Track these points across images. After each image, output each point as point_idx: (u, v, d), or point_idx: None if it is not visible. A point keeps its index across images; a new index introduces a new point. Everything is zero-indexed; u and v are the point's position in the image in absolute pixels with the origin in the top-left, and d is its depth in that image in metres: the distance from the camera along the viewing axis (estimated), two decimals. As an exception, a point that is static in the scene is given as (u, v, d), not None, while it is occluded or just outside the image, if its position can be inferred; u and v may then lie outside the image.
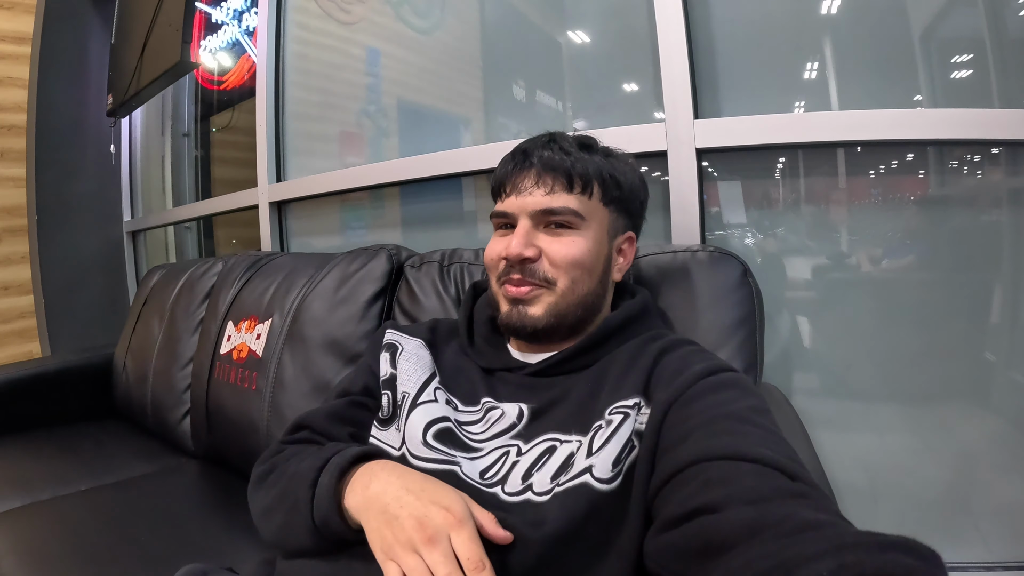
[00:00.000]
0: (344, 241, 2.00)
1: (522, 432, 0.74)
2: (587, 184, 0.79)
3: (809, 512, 0.46)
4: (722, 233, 1.25)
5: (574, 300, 0.79)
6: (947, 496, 1.13)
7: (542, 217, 0.79)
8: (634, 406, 0.68)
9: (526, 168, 0.81)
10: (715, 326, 0.93)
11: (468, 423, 0.78)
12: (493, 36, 1.73)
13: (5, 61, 2.96)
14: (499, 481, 0.70)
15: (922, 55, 1.10)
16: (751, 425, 0.58)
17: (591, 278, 0.80)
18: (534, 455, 0.71)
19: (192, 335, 1.72)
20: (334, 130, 2.07)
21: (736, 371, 0.70)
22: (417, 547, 0.57)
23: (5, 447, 1.65)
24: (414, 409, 0.77)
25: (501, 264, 0.80)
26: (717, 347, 0.91)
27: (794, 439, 0.81)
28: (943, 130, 1.03)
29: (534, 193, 0.79)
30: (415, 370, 0.82)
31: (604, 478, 0.63)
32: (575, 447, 0.69)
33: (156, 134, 3.21)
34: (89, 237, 3.08)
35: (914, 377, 1.15)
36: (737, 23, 1.24)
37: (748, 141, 1.15)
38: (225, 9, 2.41)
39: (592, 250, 0.80)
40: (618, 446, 0.64)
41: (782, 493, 0.49)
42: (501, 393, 0.80)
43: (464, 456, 0.73)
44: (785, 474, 0.52)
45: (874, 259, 1.15)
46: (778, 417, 0.89)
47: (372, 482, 0.65)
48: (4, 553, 1.10)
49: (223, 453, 1.48)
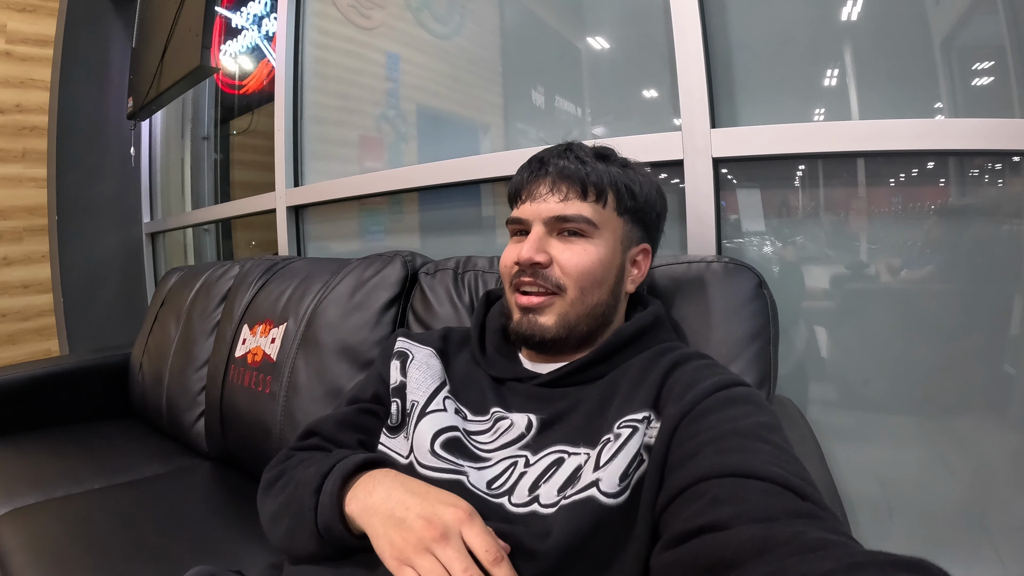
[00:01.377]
0: (362, 246, 2.00)
1: (530, 443, 0.74)
2: (601, 193, 0.80)
3: (818, 532, 0.45)
4: (740, 241, 1.24)
5: (584, 310, 0.79)
6: (963, 512, 1.11)
7: (555, 224, 0.79)
8: (643, 420, 0.67)
9: (542, 176, 0.82)
10: (728, 338, 0.92)
11: (477, 433, 0.78)
12: (513, 41, 1.73)
13: (28, 63, 3.00)
14: (506, 492, 0.70)
15: (942, 63, 1.09)
16: (762, 442, 0.58)
17: (601, 288, 0.80)
18: (542, 467, 0.70)
19: (208, 337, 1.73)
20: (353, 134, 2.08)
21: (748, 386, 0.69)
22: (429, 546, 0.57)
23: (21, 444, 1.68)
24: (423, 418, 0.77)
25: (514, 269, 0.81)
26: (730, 359, 0.90)
27: (807, 455, 0.81)
28: (963, 140, 1.01)
29: (548, 200, 0.80)
30: (425, 379, 0.82)
31: (611, 492, 0.62)
32: (583, 460, 0.68)
33: (176, 137, 3.24)
34: (109, 238, 3.11)
35: (932, 390, 1.13)
36: (755, 31, 1.23)
37: (765, 151, 1.14)
38: (245, 14, 2.44)
39: (604, 259, 0.79)
40: (626, 460, 0.64)
41: (791, 513, 0.49)
42: (511, 403, 0.80)
43: (472, 466, 0.73)
44: (795, 493, 0.51)
45: (893, 269, 1.14)
46: (791, 432, 0.88)
47: (375, 489, 0.65)
48: (16, 549, 1.12)
49: (236, 455, 1.49)
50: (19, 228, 3.00)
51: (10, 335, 2.97)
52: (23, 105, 3.00)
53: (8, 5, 2.94)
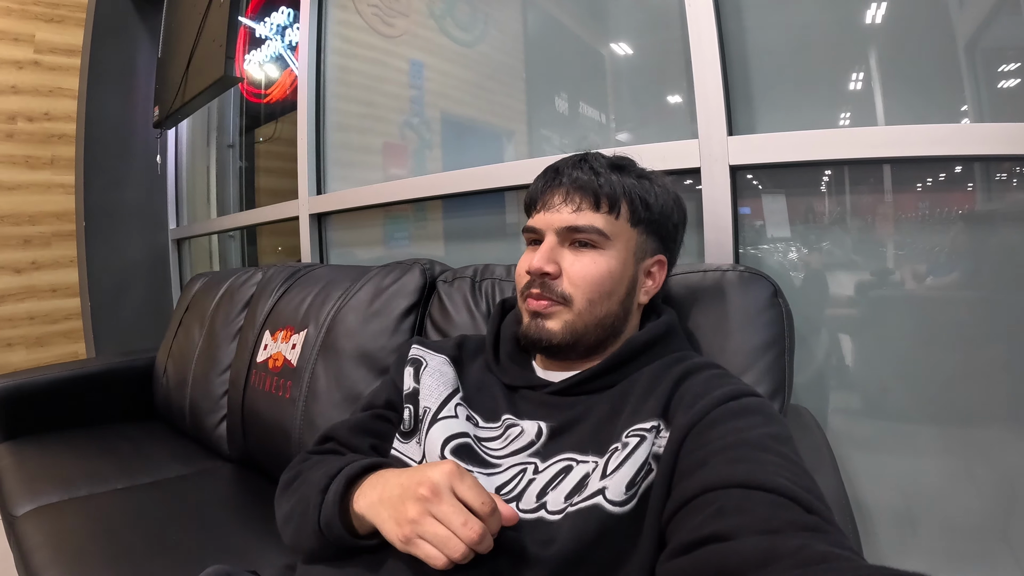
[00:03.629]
0: (386, 252, 2.02)
1: (540, 450, 0.75)
2: (614, 204, 0.80)
3: (823, 545, 0.45)
4: (764, 247, 1.23)
5: (591, 321, 0.79)
6: (985, 524, 1.10)
7: (567, 234, 0.80)
8: (651, 429, 0.68)
9: (555, 186, 0.82)
10: (743, 348, 0.92)
11: (488, 439, 0.79)
12: (535, 48, 1.74)
13: (56, 72, 3.08)
14: (515, 498, 0.71)
15: (967, 65, 1.07)
16: (771, 453, 0.58)
17: (610, 300, 0.80)
18: (550, 474, 0.71)
19: (231, 342, 1.76)
20: (377, 141, 2.10)
21: (759, 396, 0.69)
22: (426, 508, 0.59)
23: (47, 444, 1.72)
24: (434, 424, 0.78)
25: (526, 278, 0.81)
26: (744, 369, 0.90)
27: (820, 465, 0.81)
28: (988, 146, 0.98)
29: (561, 210, 0.80)
30: (437, 386, 0.83)
31: (617, 500, 0.63)
32: (591, 468, 0.69)
33: (202, 145, 3.29)
34: (135, 243, 3.17)
35: (955, 398, 1.11)
36: (772, 37, 1.23)
37: (782, 158, 1.13)
38: (269, 24, 2.47)
39: (614, 271, 0.80)
40: (633, 469, 0.64)
41: (796, 525, 0.49)
42: (522, 410, 0.80)
43: (481, 472, 0.74)
44: (801, 506, 0.51)
45: (917, 276, 1.12)
46: (805, 443, 0.88)
47: (378, 484, 0.67)
48: (39, 546, 1.15)
49: (257, 458, 1.51)
50: (48, 233, 3.07)
51: (39, 337, 3.04)
52: (52, 113, 3.07)
53: (37, 16, 3.03)
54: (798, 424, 0.97)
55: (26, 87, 3.00)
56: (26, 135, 3.01)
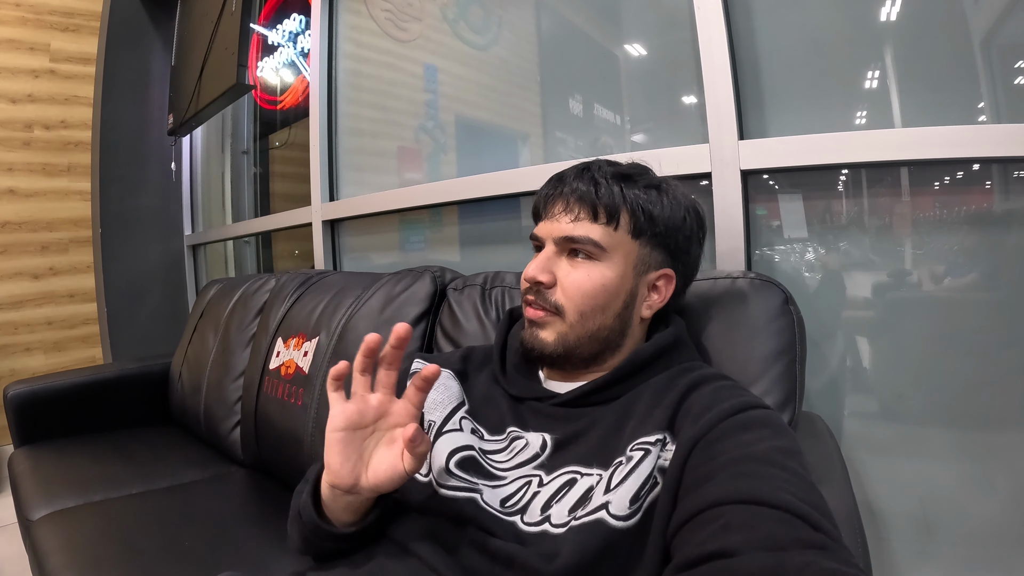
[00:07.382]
0: (402, 257, 2.01)
1: (545, 463, 0.75)
2: (613, 215, 0.78)
3: (828, 563, 0.45)
4: (781, 248, 1.22)
5: (583, 334, 0.78)
6: (1005, 531, 1.08)
7: (565, 244, 0.80)
8: (656, 442, 0.67)
9: (558, 195, 0.82)
10: (753, 356, 0.90)
11: (493, 452, 0.79)
12: (550, 50, 1.74)
13: (72, 81, 3.12)
14: (519, 510, 0.71)
15: (983, 62, 1.05)
16: (777, 468, 0.57)
17: (604, 313, 0.78)
18: (555, 486, 0.71)
19: (244, 349, 1.77)
20: (392, 146, 2.11)
21: (768, 408, 0.68)
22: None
23: (63, 449, 1.74)
24: (439, 437, 0.78)
25: (525, 285, 0.82)
26: (755, 378, 0.89)
27: (830, 474, 0.79)
28: (1006, 148, 0.96)
29: (561, 220, 0.80)
30: (442, 399, 0.83)
31: (621, 515, 0.63)
32: (595, 481, 0.69)
33: (216, 152, 3.32)
34: (151, 249, 3.20)
35: (972, 403, 1.10)
36: (782, 38, 1.21)
37: (794, 162, 1.12)
38: (281, 31, 2.49)
39: (609, 284, 0.78)
40: (637, 483, 0.64)
41: (802, 543, 0.48)
42: (528, 422, 0.80)
43: (486, 484, 0.74)
44: (808, 523, 0.50)
45: (935, 277, 1.10)
46: (816, 452, 0.87)
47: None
48: (54, 550, 1.16)
49: (270, 464, 1.52)
50: (65, 240, 3.11)
51: (56, 342, 3.08)
52: (68, 121, 3.11)
53: (52, 25, 3.06)
54: (810, 432, 0.95)
55: (42, 95, 3.04)
56: (43, 143, 3.04)
